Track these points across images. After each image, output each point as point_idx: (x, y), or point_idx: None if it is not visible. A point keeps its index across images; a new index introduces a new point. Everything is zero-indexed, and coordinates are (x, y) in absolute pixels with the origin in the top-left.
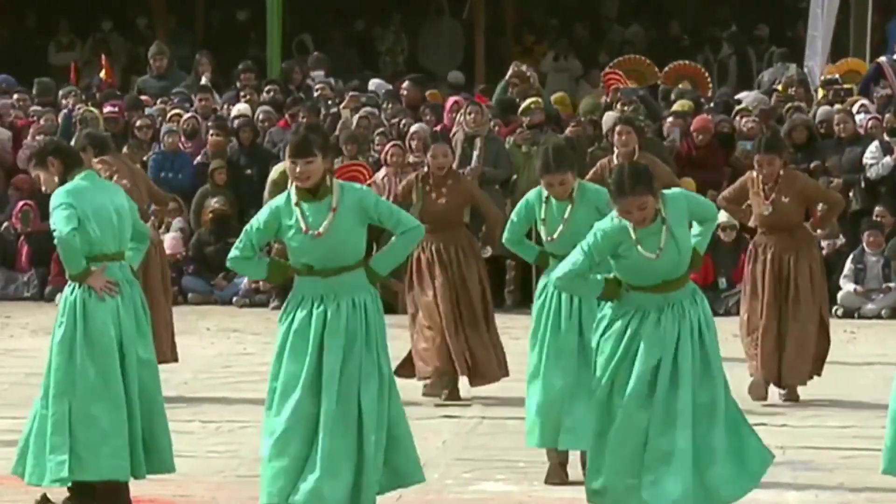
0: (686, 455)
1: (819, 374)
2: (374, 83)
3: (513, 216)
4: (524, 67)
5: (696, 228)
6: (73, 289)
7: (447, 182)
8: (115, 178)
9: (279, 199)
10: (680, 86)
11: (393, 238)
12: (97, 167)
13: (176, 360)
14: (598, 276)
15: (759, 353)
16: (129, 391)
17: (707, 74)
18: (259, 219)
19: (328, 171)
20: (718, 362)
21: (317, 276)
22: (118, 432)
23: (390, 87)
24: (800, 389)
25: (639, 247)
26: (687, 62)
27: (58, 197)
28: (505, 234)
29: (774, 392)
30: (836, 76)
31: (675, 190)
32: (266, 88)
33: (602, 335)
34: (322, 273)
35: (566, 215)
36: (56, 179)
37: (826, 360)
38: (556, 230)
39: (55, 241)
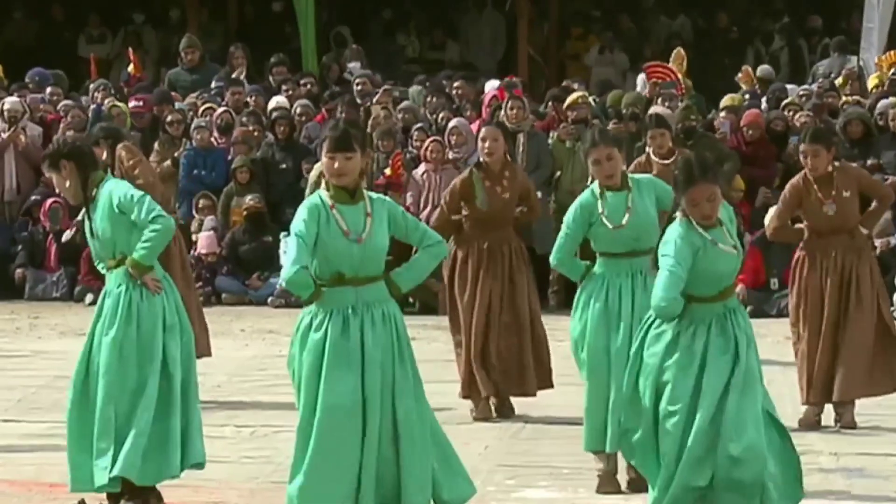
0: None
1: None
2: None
3: (566, 227)
4: (575, 86)
5: None
6: (127, 288)
7: (505, 173)
8: (137, 169)
9: (314, 199)
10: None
11: (416, 253)
12: (121, 153)
13: (209, 354)
14: (681, 296)
15: (815, 376)
16: (172, 391)
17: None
18: (304, 221)
19: (363, 172)
20: (760, 379)
21: (347, 285)
22: (143, 434)
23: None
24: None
25: (719, 245)
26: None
27: (132, 188)
28: (556, 253)
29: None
30: None
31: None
32: (302, 82)
33: (666, 352)
34: (354, 282)
35: (630, 203)
36: (68, 183)
37: None
38: (624, 217)
39: (159, 227)
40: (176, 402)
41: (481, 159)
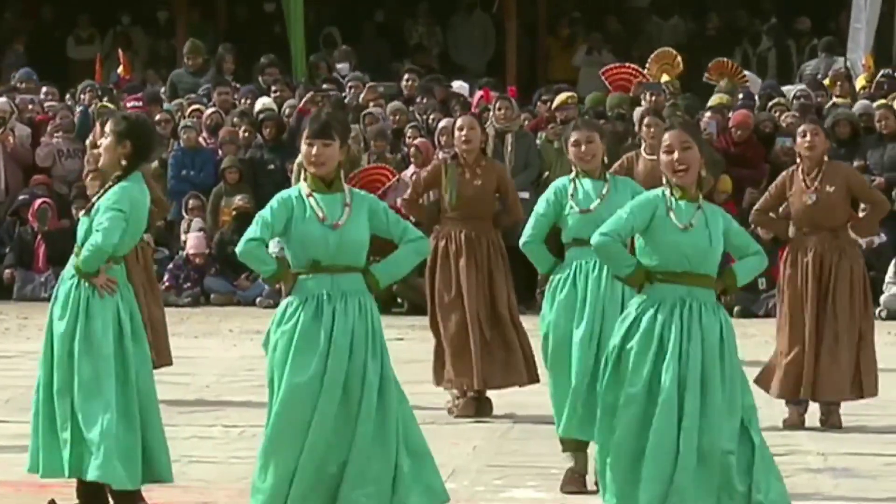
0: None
1: (875, 394)
2: (457, 84)
3: (537, 208)
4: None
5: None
6: (77, 283)
7: (480, 163)
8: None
9: (289, 191)
10: (721, 83)
11: (398, 249)
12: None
13: (170, 363)
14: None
15: (790, 372)
16: (129, 397)
17: (738, 68)
18: (271, 206)
19: (342, 165)
20: (738, 389)
21: (324, 272)
22: (109, 435)
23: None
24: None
25: (671, 214)
26: (725, 59)
27: (116, 198)
28: (527, 232)
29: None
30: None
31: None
32: (296, 91)
33: (633, 336)
34: (330, 270)
35: (604, 191)
36: (111, 157)
37: (874, 379)
38: (593, 203)
39: (93, 243)
40: (136, 410)
41: (457, 150)
